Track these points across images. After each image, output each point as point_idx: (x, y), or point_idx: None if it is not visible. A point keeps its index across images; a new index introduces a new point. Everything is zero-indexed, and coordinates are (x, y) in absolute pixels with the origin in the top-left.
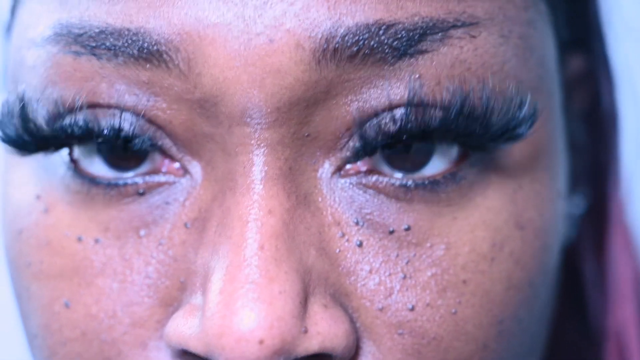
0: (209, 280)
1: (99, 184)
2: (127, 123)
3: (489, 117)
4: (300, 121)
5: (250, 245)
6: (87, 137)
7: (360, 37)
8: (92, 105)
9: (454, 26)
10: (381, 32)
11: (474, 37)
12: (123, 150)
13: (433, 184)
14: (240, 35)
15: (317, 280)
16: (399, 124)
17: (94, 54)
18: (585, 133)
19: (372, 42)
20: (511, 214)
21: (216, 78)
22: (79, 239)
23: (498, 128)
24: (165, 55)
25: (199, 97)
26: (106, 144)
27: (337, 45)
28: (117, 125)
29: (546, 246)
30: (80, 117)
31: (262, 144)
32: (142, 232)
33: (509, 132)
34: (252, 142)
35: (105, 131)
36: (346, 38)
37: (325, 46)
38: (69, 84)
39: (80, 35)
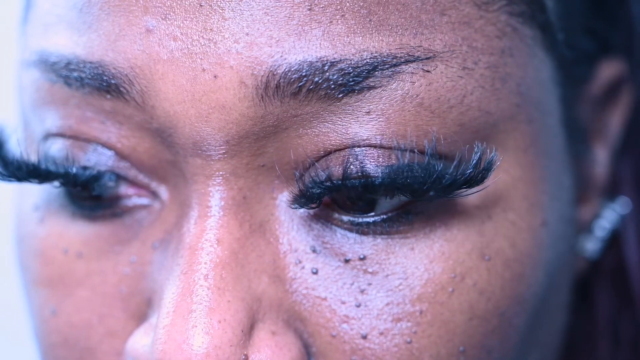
0: (159, 305)
1: (83, 206)
2: (95, 159)
3: (432, 179)
4: (253, 153)
5: (195, 274)
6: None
7: (303, 74)
8: (65, 136)
9: (406, 61)
10: (326, 68)
11: (428, 71)
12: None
13: (386, 220)
14: (187, 71)
15: (268, 307)
16: (342, 174)
17: (66, 83)
18: (627, 137)
19: (316, 79)
20: (475, 245)
21: (167, 112)
22: (65, 252)
23: (443, 186)
24: (121, 88)
25: (157, 128)
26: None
27: (279, 82)
28: (86, 175)
29: (522, 276)
30: (49, 161)
31: (215, 175)
32: (117, 249)
33: (458, 187)
34: (205, 172)
35: (62, 180)
36: (288, 75)
37: (267, 83)
38: (50, 107)
39: (55, 63)
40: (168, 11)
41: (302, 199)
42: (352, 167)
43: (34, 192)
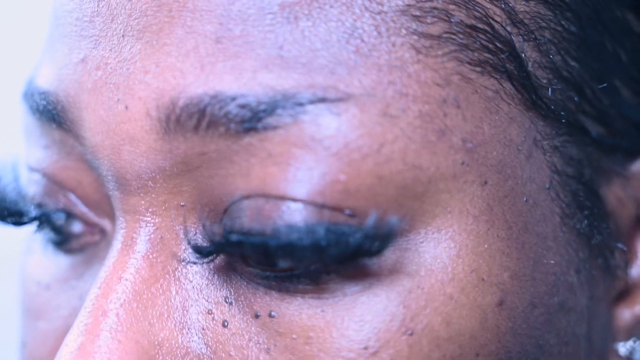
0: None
1: (52, 239)
2: (50, 197)
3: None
4: (170, 191)
5: (96, 311)
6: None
7: (202, 107)
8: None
9: (312, 101)
10: (225, 102)
11: (337, 114)
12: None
13: (291, 277)
14: (105, 101)
15: (168, 354)
16: (226, 229)
17: (32, 112)
18: None
19: (216, 113)
20: (396, 317)
21: (91, 143)
22: (38, 283)
23: (331, 258)
24: (60, 118)
25: (89, 159)
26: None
27: (179, 115)
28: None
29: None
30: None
31: (132, 211)
32: (73, 284)
33: (349, 257)
34: (124, 207)
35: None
36: (188, 108)
37: (168, 115)
38: (25, 137)
39: (25, 94)
40: (98, 41)
41: (206, 254)
42: (238, 222)
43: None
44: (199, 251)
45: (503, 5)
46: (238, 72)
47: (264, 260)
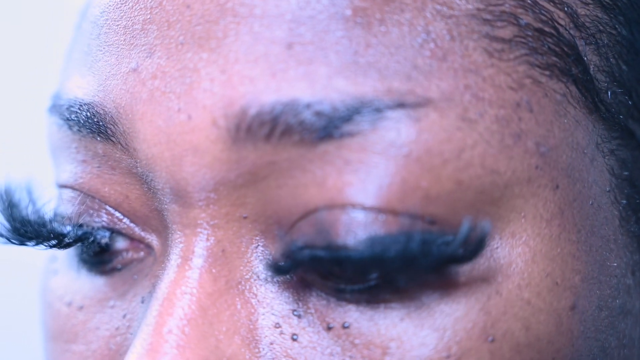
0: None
1: (86, 260)
2: (90, 215)
3: (412, 259)
4: (232, 202)
5: (160, 328)
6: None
7: (275, 115)
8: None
9: (392, 107)
10: (300, 110)
11: (417, 120)
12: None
13: (370, 288)
14: (164, 111)
15: None
16: (315, 244)
17: (68, 126)
18: None
19: (290, 121)
20: (477, 324)
21: (146, 154)
22: (69, 305)
23: (425, 266)
24: (108, 131)
25: (141, 172)
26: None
27: (250, 124)
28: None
29: None
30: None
31: (191, 224)
32: (112, 303)
33: (442, 264)
34: (183, 221)
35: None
36: (260, 116)
37: (238, 124)
38: (58, 152)
39: (60, 106)
40: (152, 49)
41: (273, 267)
42: (324, 236)
43: None
44: (277, 269)
45: (566, 9)
46: (312, 79)
47: (341, 273)
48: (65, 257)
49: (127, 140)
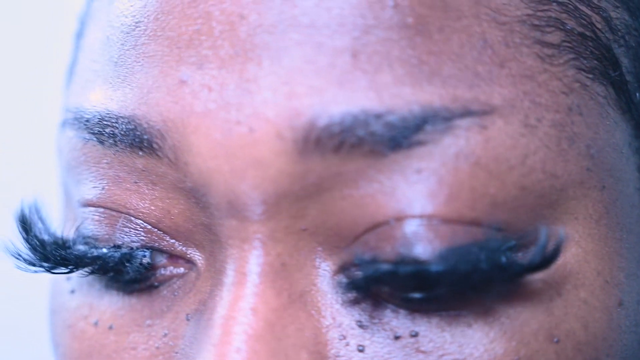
0: None
1: (117, 278)
2: (126, 233)
3: (496, 270)
4: (293, 215)
5: (227, 347)
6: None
7: (346, 127)
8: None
9: (460, 115)
10: (371, 120)
11: (485, 127)
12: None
13: (438, 297)
14: (222, 124)
15: None
16: (392, 258)
17: (99, 140)
18: None
19: (360, 132)
20: (543, 325)
21: (201, 168)
22: (95, 324)
23: (507, 276)
24: (154, 144)
25: (191, 187)
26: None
27: (319, 135)
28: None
29: None
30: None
31: (251, 238)
32: (148, 322)
33: (521, 274)
34: (241, 235)
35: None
36: (330, 128)
37: (306, 136)
38: (83, 168)
39: (88, 120)
40: (203, 61)
41: (335, 280)
42: (402, 249)
43: None
44: (339, 282)
45: (602, 13)
46: (378, 88)
47: (411, 284)
48: (85, 276)
49: (177, 154)
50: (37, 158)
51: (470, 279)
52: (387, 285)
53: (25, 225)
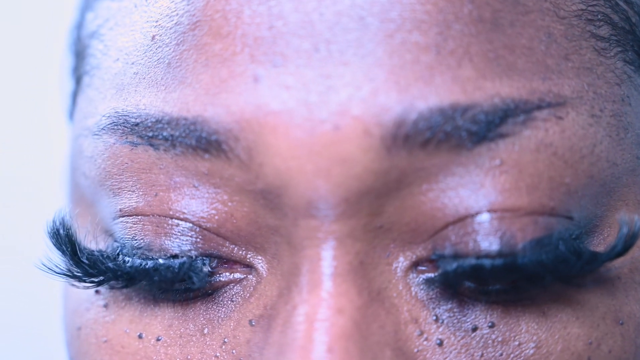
0: None
1: (165, 289)
2: (181, 242)
3: (583, 262)
4: (372, 212)
5: (317, 347)
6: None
7: (434, 122)
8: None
9: (539, 107)
10: (457, 115)
11: (560, 118)
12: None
13: (515, 287)
14: (303, 122)
15: None
16: (478, 250)
17: (151, 145)
18: None
19: (447, 127)
20: (609, 309)
21: (279, 168)
22: (140, 337)
23: (592, 268)
24: (224, 145)
25: (262, 189)
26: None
27: (408, 132)
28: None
29: None
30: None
31: (330, 237)
32: (205, 330)
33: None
34: (319, 235)
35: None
36: (419, 123)
37: (395, 133)
38: (126, 176)
39: (137, 124)
40: (278, 58)
41: (411, 275)
42: (485, 242)
43: None
44: (416, 277)
45: (635, 8)
46: (462, 83)
47: (497, 277)
48: (119, 290)
49: (251, 155)
50: (36, 158)
51: (557, 269)
52: (470, 279)
53: (63, 241)
